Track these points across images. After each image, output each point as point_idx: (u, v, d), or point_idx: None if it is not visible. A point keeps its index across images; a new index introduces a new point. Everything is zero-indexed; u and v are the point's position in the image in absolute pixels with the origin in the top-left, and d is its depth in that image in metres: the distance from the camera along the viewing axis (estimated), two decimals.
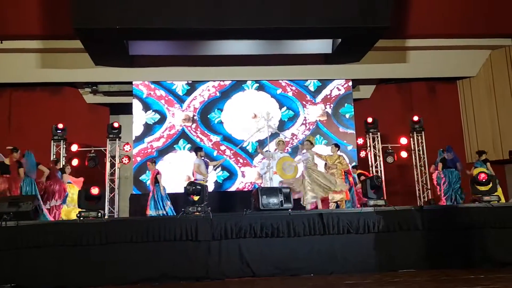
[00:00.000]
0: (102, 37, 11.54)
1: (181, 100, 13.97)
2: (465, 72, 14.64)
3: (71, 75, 13.47)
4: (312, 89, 14.32)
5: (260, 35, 12.54)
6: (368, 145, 13.77)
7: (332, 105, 14.27)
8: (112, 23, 11.05)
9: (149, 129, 13.77)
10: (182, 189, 8.97)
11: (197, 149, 11.62)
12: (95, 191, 8.45)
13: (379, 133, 13.67)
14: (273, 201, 8.54)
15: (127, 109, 14.13)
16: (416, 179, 13.69)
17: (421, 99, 14.76)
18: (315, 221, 8.20)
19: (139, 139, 13.68)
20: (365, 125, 13.76)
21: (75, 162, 12.77)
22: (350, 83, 14.42)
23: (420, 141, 13.68)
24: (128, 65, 13.49)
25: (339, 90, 14.35)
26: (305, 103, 14.22)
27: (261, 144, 13.18)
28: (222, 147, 13.82)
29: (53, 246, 7.74)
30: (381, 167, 13.54)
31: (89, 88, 14.07)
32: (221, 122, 13.98)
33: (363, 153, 14.00)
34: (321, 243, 8.17)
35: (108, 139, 13.03)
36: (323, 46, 13.46)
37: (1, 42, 12.90)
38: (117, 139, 13.03)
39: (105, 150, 13.05)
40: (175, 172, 13.45)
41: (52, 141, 12.87)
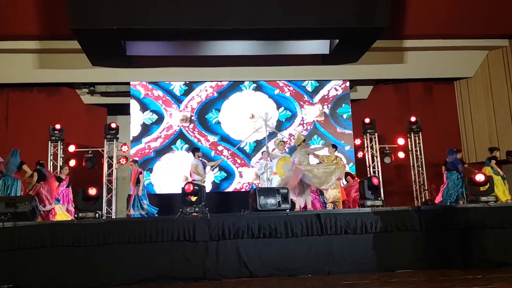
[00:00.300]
0: (99, 37, 11.52)
1: (178, 100, 13.96)
2: (462, 72, 14.65)
3: (68, 75, 13.44)
4: (309, 89, 14.32)
5: (257, 35, 12.54)
6: (365, 145, 13.77)
7: (329, 106, 14.27)
8: (109, 23, 11.04)
9: (146, 129, 13.76)
10: (179, 189, 8.96)
11: (194, 149, 11.62)
12: (92, 191, 8.46)
13: (376, 134, 13.64)
14: (271, 201, 8.55)
15: (124, 110, 14.10)
16: (413, 180, 13.68)
17: (419, 100, 14.78)
18: (313, 221, 8.21)
19: (137, 140, 13.66)
20: (362, 125, 13.75)
21: (73, 162, 12.74)
22: (347, 84, 14.42)
23: (417, 142, 13.68)
24: (125, 66, 13.47)
25: (337, 90, 14.35)
26: (302, 103, 14.23)
27: (259, 144, 13.24)
28: (219, 148, 13.81)
29: (51, 247, 7.74)
30: (378, 168, 13.53)
31: (86, 88, 14.05)
32: (219, 122, 13.97)
33: (360, 154, 14.00)
34: (319, 243, 8.19)
35: (105, 140, 12.98)
36: (320, 46, 13.45)
37: None
38: (115, 140, 13.00)
39: (103, 150, 13.01)
40: (173, 172, 13.45)
41: (49, 141, 12.82)
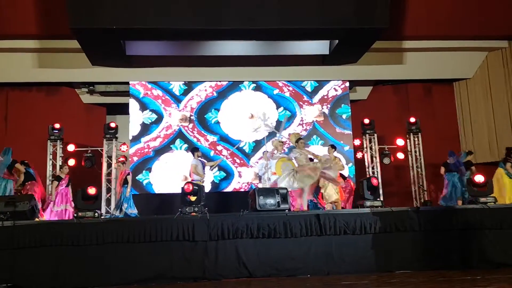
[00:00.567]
0: (99, 37, 11.52)
1: (178, 100, 13.96)
2: (461, 73, 14.66)
3: (68, 75, 13.44)
4: (309, 89, 14.32)
5: (257, 35, 12.55)
6: (364, 146, 13.78)
7: (329, 106, 14.27)
8: (109, 23, 11.05)
9: (146, 128, 13.75)
10: (178, 189, 8.96)
11: (194, 149, 11.62)
12: (92, 191, 8.47)
13: (375, 134, 13.65)
14: (270, 201, 8.55)
15: (123, 109, 14.08)
16: (412, 180, 13.69)
17: (418, 101, 14.79)
18: (312, 221, 8.22)
19: (136, 139, 13.66)
20: (361, 126, 13.76)
21: (72, 162, 12.73)
22: (347, 84, 14.42)
23: (416, 142, 13.70)
24: (125, 65, 13.46)
25: (336, 90, 14.36)
26: (302, 103, 14.23)
27: (258, 144, 13.26)
28: (219, 147, 13.81)
29: (50, 246, 7.74)
30: (377, 168, 13.54)
31: (86, 88, 14.05)
32: (218, 122, 13.97)
33: (359, 154, 14.01)
34: (318, 243, 8.19)
35: (104, 139, 12.98)
36: (320, 47, 13.45)
37: None
38: (114, 139, 13.00)
39: (102, 150, 13.02)
40: (172, 172, 13.45)
41: (48, 141, 12.84)
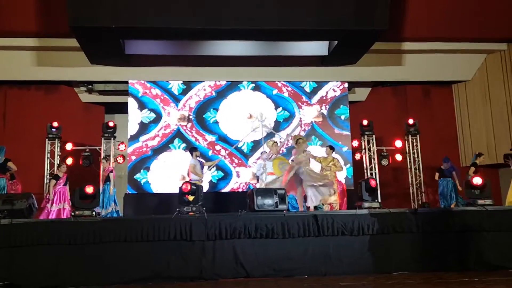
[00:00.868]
0: (98, 36, 11.51)
1: (176, 99, 13.96)
2: (460, 76, 14.68)
3: (66, 73, 13.44)
4: (307, 90, 14.34)
5: (256, 36, 12.55)
6: (363, 147, 13.79)
7: (327, 107, 14.29)
8: (108, 22, 11.04)
9: (144, 128, 13.75)
10: (176, 188, 8.95)
11: (192, 149, 11.62)
12: (89, 190, 8.42)
13: (374, 136, 13.67)
14: (268, 202, 8.53)
15: (122, 109, 14.10)
16: (410, 182, 13.73)
17: (416, 102, 14.81)
18: (310, 222, 8.20)
19: (134, 138, 13.65)
20: (360, 127, 13.77)
21: (70, 161, 12.72)
22: (345, 85, 14.45)
23: (415, 144, 13.73)
24: (124, 64, 13.46)
25: (335, 91, 14.37)
26: (300, 104, 14.24)
27: (256, 144, 13.28)
28: (217, 147, 13.82)
29: (47, 244, 7.71)
30: (375, 170, 13.56)
31: (84, 87, 14.05)
32: (217, 122, 13.98)
33: (358, 156, 14.01)
34: (316, 244, 8.17)
35: (103, 138, 13.02)
36: (319, 48, 13.46)
37: None
38: (112, 139, 13.01)
39: (100, 149, 13.03)
40: (170, 171, 13.45)
41: (46, 139, 12.84)
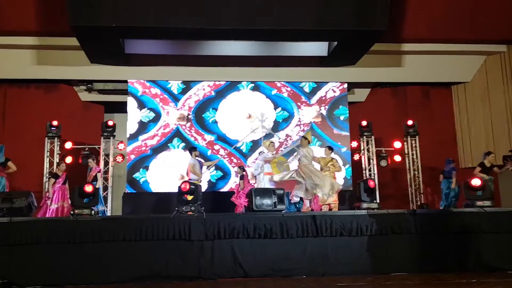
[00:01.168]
0: (98, 35, 11.50)
1: (176, 98, 13.97)
2: (460, 77, 14.68)
3: (66, 72, 13.43)
4: (307, 90, 14.35)
5: (256, 36, 12.55)
6: (362, 148, 13.80)
7: (326, 107, 14.30)
8: (108, 21, 11.04)
9: (143, 127, 13.76)
10: (175, 188, 8.96)
11: (191, 149, 11.62)
12: (88, 188, 8.45)
13: (373, 137, 13.70)
14: (267, 202, 8.58)
15: (121, 108, 14.09)
16: (409, 183, 13.74)
17: (416, 104, 14.82)
18: (308, 223, 8.22)
19: (134, 137, 13.66)
20: (359, 128, 13.79)
21: (69, 159, 12.71)
22: (345, 85, 14.46)
23: (414, 145, 13.74)
24: (123, 64, 13.45)
25: (334, 92, 14.38)
26: (300, 104, 14.25)
27: (255, 144, 13.31)
28: (216, 147, 13.82)
29: (46, 243, 7.74)
30: (374, 171, 13.57)
31: (84, 86, 14.06)
32: (216, 121, 13.99)
33: (356, 156, 14.02)
34: (314, 245, 8.20)
35: (102, 137, 13.03)
36: (319, 48, 13.46)
37: None
38: (111, 138, 13.02)
39: (99, 148, 13.04)
40: (169, 170, 13.46)
41: (46, 138, 12.84)
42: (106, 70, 13.50)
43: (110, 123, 13.05)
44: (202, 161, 11.84)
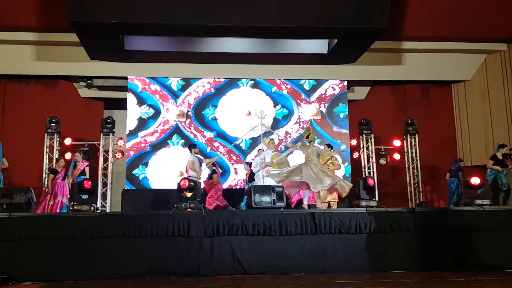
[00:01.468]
0: (98, 31, 11.48)
1: (175, 95, 13.96)
2: (460, 76, 14.68)
3: (66, 68, 13.41)
4: (307, 88, 14.35)
5: (256, 33, 12.52)
6: (361, 146, 13.80)
7: (326, 105, 14.30)
8: (108, 17, 11.02)
9: (143, 123, 13.76)
10: (174, 184, 8.97)
11: (191, 146, 11.63)
12: (88, 185, 8.45)
13: (372, 135, 13.69)
14: (266, 199, 8.59)
15: (121, 104, 14.09)
16: (408, 181, 13.73)
17: (416, 102, 14.82)
18: (307, 220, 8.23)
19: (133, 133, 13.66)
20: (359, 126, 13.79)
21: (68, 155, 12.68)
22: (345, 83, 14.46)
23: (413, 144, 13.72)
24: (123, 60, 13.44)
25: (334, 89, 14.38)
26: (299, 101, 14.25)
27: (255, 141, 13.31)
28: (215, 144, 13.83)
29: (46, 238, 7.74)
30: (373, 169, 13.57)
31: (83, 82, 14.02)
32: (215, 118, 13.99)
33: (356, 154, 14.02)
34: (313, 242, 8.20)
35: (101, 134, 13.01)
36: (319, 46, 13.46)
37: None
38: (111, 134, 13.01)
39: (99, 144, 13.03)
40: (168, 167, 13.47)
41: (45, 134, 12.81)
42: (105, 66, 13.48)
43: (109, 119, 13.03)
44: (201, 158, 11.84)
